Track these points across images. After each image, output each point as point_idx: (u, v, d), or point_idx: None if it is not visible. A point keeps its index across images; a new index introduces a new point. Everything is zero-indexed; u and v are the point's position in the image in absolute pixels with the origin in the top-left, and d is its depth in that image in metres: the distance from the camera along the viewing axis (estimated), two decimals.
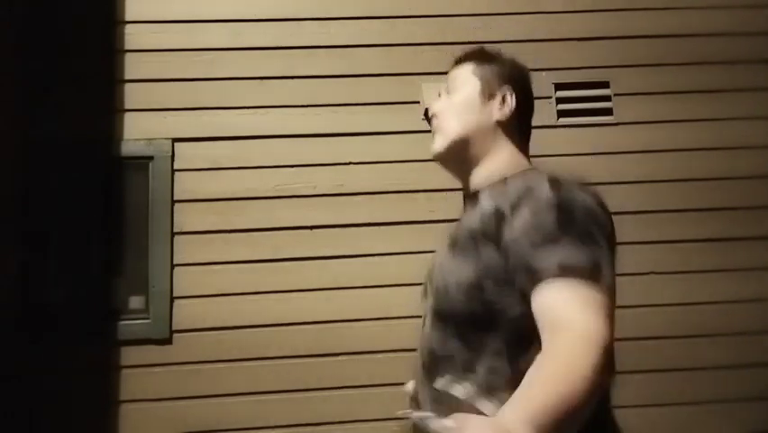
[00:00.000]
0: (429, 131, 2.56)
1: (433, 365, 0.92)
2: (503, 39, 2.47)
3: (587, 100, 2.45)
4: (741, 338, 2.28)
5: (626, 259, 2.37)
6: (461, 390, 0.85)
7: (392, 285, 2.23)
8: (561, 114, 2.43)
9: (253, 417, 2.15)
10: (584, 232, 0.80)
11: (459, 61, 1.09)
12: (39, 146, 2.27)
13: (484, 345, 0.85)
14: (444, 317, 0.92)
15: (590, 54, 2.48)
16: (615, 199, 2.59)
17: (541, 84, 2.44)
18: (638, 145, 2.42)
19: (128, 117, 2.32)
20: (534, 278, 0.78)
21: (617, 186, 2.37)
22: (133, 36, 2.37)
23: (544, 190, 0.85)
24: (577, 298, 0.74)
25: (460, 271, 0.88)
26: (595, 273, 0.76)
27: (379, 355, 2.20)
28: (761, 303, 2.31)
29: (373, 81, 2.41)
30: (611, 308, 0.76)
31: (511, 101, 1.01)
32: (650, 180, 2.38)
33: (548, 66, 2.45)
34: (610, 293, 0.77)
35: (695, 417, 2.22)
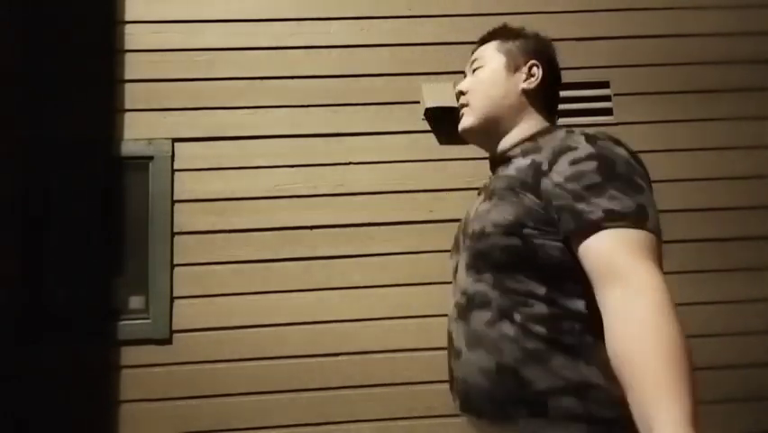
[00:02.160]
0: (429, 131, 2.57)
1: (468, 305, 0.92)
2: None
3: (587, 100, 2.45)
4: (741, 338, 2.28)
5: None
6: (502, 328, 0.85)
7: (392, 285, 2.23)
8: (561, 114, 2.42)
9: (253, 417, 2.15)
10: (626, 179, 0.81)
11: (483, 41, 1.10)
12: (39, 146, 2.27)
13: (522, 288, 0.85)
14: (482, 258, 0.91)
15: (590, 54, 2.48)
16: None
17: None
18: (638, 145, 2.40)
19: (128, 117, 2.32)
20: (582, 221, 0.79)
21: None
22: (133, 36, 2.37)
23: (582, 144, 0.86)
24: (626, 245, 0.75)
25: (499, 213, 0.89)
26: (641, 218, 0.78)
27: (380, 355, 2.20)
28: (761, 303, 2.31)
29: (373, 81, 2.41)
30: (659, 248, 0.78)
31: (538, 72, 1.02)
32: None
33: None
34: (657, 233, 0.79)
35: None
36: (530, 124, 1.02)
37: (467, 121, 1.05)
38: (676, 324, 0.70)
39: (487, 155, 1.09)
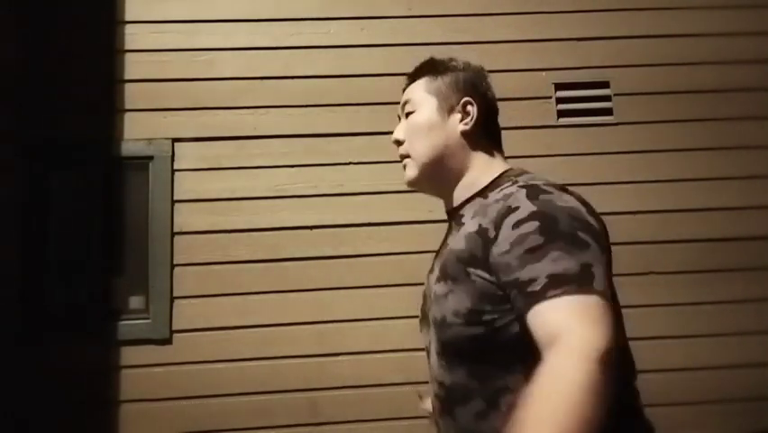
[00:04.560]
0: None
1: (449, 399, 0.89)
2: (503, 39, 2.48)
3: (587, 100, 2.45)
4: (741, 338, 2.28)
5: (627, 259, 2.38)
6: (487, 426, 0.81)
7: (392, 285, 2.23)
8: (561, 114, 2.43)
9: (253, 417, 2.15)
10: (570, 237, 0.77)
11: (410, 80, 1.05)
12: (39, 146, 2.27)
13: (500, 373, 0.82)
14: (450, 348, 0.88)
15: (590, 54, 2.48)
16: (615, 199, 2.61)
17: (541, 84, 2.44)
18: (638, 145, 2.42)
19: (128, 117, 2.32)
20: (525, 293, 0.75)
21: (617, 186, 2.37)
22: (133, 36, 2.37)
23: (524, 202, 0.82)
24: (569, 313, 0.72)
25: (455, 300, 0.85)
26: (586, 278, 0.74)
27: (379, 355, 2.20)
28: (761, 303, 2.31)
29: (373, 81, 2.41)
30: (607, 311, 0.73)
31: (473, 110, 0.98)
32: (650, 180, 2.38)
33: (548, 66, 2.45)
34: (605, 295, 0.74)
35: (695, 417, 2.22)
36: (476, 165, 0.98)
37: (411, 174, 1.01)
38: (591, 396, 0.65)
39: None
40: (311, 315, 2.23)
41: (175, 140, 2.31)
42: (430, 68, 1.04)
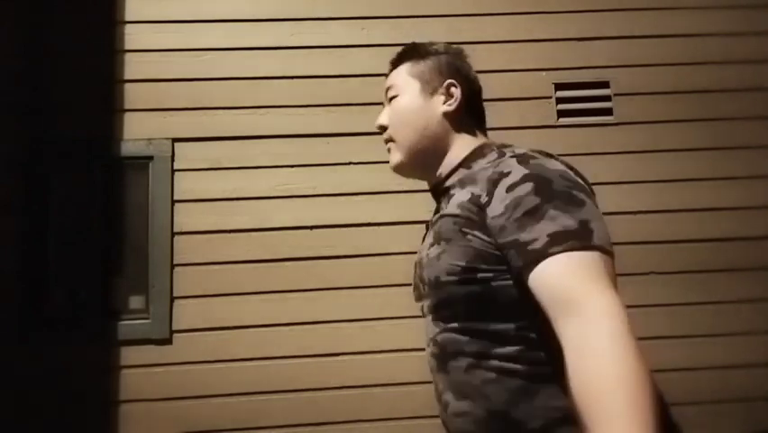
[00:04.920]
0: None
1: (442, 355, 0.90)
2: (503, 39, 2.48)
3: (587, 100, 2.45)
4: (741, 338, 2.28)
5: (627, 259, 2.38)
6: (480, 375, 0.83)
7: (392, 285, 2.22)
8: (561, 114, 2.43)
9: (253, 417, 2.15)
10: (565, 195, 0.79)
11: (393, 65, 1.07)
12: (39, 146, 2.27)
13: (490, 330, 0.83)
14: (443, 307, 0.89)
15: (590, 54, 2.48)
16: (615, 199, 2.60)
17: (541, 84, 2.44)
18: (638, 145, 2.42)
19: (128, 117, 2.32)
20: (528, 254, 0.76)
21: (617, 186, 2.37)
22: (133, 36, 2.37)
23: (515, 167, 0.84)
24: (574, 270, 0.72)
25: (449, 258, 0.86)
26: (585, 235, 0.75)
27: (379, 355, 2.20)
28: (761, 303, 2.31)
29: (373, 81, 2.41)
30: (610, 263, 0.75)
31: (456, 92, 0.99)
32: (650, 180, 2.38)
33: (548, 66, 2.45)
34: (604, 248, 0.75)
35: (695, 417, 2.21)
36: (461, 147, 0.98)
37: (396, 158, 1.02)
38: (633, 352, 0.67)
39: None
40: (311, 315, 2.23)
41: (175, 140, 2.31)
42: (412, 52, 1.04)
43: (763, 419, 2.21)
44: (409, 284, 2.23)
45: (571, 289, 0.71)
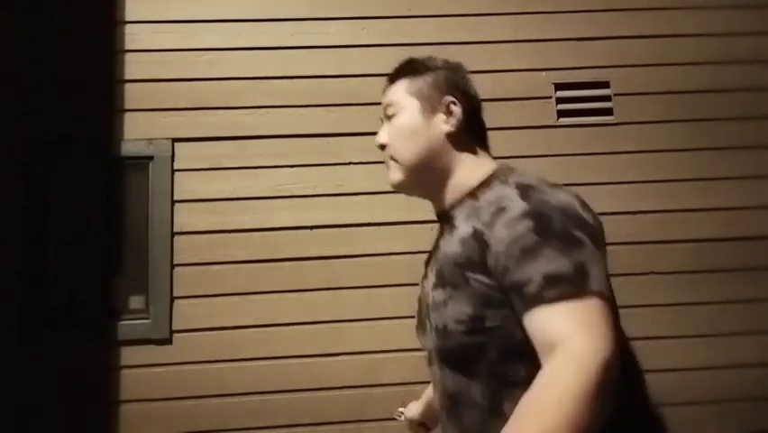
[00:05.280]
0: None
1: (455, 406, 0.88)
2: (503, 39, 2.48)
3: (587, 100, 2.45)
4: (741, 338, 2.28)
5: (627, 259, 2.38)
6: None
7: (392, 285, 2.23)
8: (561, 114, 2.43)
9: (253, 417, 2.15)
10: (564, 235, 0.76)
11: (390, 81, 1.04)
12: (39, 146, 2.27)
13: (502, 377, 0.81)
14: (452, 356, 0.87)
15: (590, 54, 2.48)
16: (615, 199, 2.60)
17: (541, 84, 2.44)
18: (638, 145, 2.42)
19: (128, 117, 2.32)
20: (521, 295, 0.75)
21: (617, 186, 2.37)
22: (133, 36, 2.37)
23: (516, 201, 0.81)
24: (567, 316, 0.71)
25: (456, 307, 0.84)
26: (581, 278, 0.73)
27: (379, 356, 2.20)
28: (761, 303, 2.31)
29: (373, 81, 2.40)
30: (605, 311, 0.72)
31: (456, 109, 0.96)
32: (650, 180, 2.38)
33: (548, 66, 2.45)
34: (602, 294, 0.73)
35: (695, 417, 2.22)
36: (464, 166, 0.96)
37: (397, 177, 1.00)
38: (586, 397, 0.64)
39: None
40: (311, 315, 2.23)
41: (175, 140, 2.31)
42: (410, 68, 1.02)
43: (761, 420, 2.21)
44: (410, 284, 2.23)
45: (559, 334, 0.70)
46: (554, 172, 2.33)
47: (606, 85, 2.46)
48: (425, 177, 0.98)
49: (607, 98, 2.46)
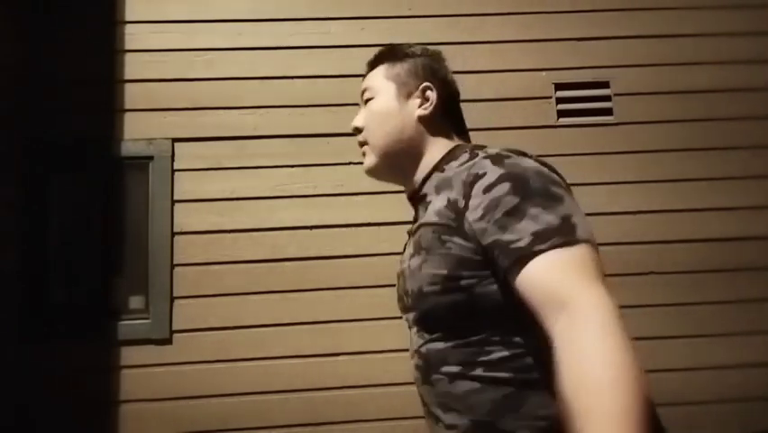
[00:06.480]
0: None
1: (428, 367, 0.88)
2: (503, 39, 2.48)
3: (587, 100, 2.45)
4: (741, 338, 2.28)
5: (627, 259, 2.38)
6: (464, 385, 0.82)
7: (392, 285, 2.21)
8: (561, 114, 2.43)
9: (253, 417, 2.15)
10: (543, 192, 0.77)
11: (370, 66, 1.05)
12: (39, 146, 2.27)
13: (475, 338, 0.81)
14: (427, 318, 0.87)
15: (590, 54, 2.48)
16: (615, 199, 2.60)
17: (541, 84, 2.44)
18: (638, 145, 2.42)
19: (128, 117, 2.32)
20: (512, 253, 0.74)
21: (617, 186, 2.37)
22: (133, 36, 2.37)
23: (489, 167, 0.82)
24: (560, 267, 0.71)
25: (430, 268, 0.84)
26: (569, 229, 0.74)
27: (379, 355, 2.20)
28: (761, 303, 2.31)
29: None
30: (595, 256, 0.74)
31: (432, 95, 0.97)
32: (650, 180, 2.38)
33: (548, 66, 2.45)
34: (588, 240, 0.75)
35: (695, 417, 2.22)
36: (435, 151, 0.96)
37: (369, 161, 1.01)
38: (623, 348, 0.65)
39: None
40: (311, 315, 2.23)
41: (175, 140, 2.31)
42: (389, 54, 1.03)
43: (762, 419, 2.21)
44: None
45: (560, 285, 0.70)
46: None
47: (606, 85, 2.46)
48: (397, 161, 0.99)
49: (607, 98, 2.46)
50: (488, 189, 0.79)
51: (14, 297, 2.16)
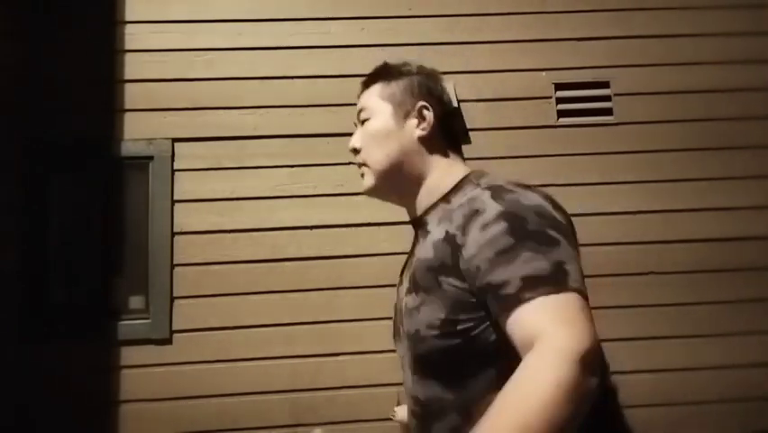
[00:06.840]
0: None
1: (425, 415, 0.87)
2: (503, 39, 2.48)
3: (587, 100, 2.45)
4: (741, 338, 2.28)
5: (627, 259, 2.38)
6: None
7: (392, 285, 2.21)
8: (561, 114, 2.43)
9: (253, 417, 2.15)
10: (539, 235, 0.75)
11: (364, 86, 1.04)
12: (39, 146, 2.27)
13: (473, 382, 0.80)
14: (424, 362, 0.86)
15: (590, 54, 2.48)
16: (615, 199, 2.60)
17: (541, 84, 2.44)
18: (638, 145, 2.42)
19: (128, 117, 2.32)
20: (499, 297, 0.73)
21: (617, 186, 2.37)
22: (133, 36, 2.37)
23: (489, 203, 0.80)
24: (547, 314, 0.70)
25: (428, 312, 0.83)
26: (560, 277, 0.72)
27: (379, 355, 2.20)
28: (761, 303, 2.31)
29: None
30: (584, 307, 0.71)
31: (429, 115, 0.96)
32: (650, 180, 2.38)
33: (548, 66, 2.45)
34: (581, 291, 0.73)
35: (695, 417, 2.22)
36: (437, 171, 0.96)
37: (369, 182, 1.00)
38: (562, 396, 0.62)
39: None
40: (311, 315, 2.23)
41: (175, 140, 2.31)
42: (384, 73, 1.02)
43: (761, 419, 2.21)
44: None
45: (537, 328, 0.69)
46: (554, 172, 2.33)
47: (606, 85, 2.46)
48: (396, 182, 0.97)
49: (607, 98, 2.46)
50: (484, 227, 0.78)
51: (14, 297, 2.16)
